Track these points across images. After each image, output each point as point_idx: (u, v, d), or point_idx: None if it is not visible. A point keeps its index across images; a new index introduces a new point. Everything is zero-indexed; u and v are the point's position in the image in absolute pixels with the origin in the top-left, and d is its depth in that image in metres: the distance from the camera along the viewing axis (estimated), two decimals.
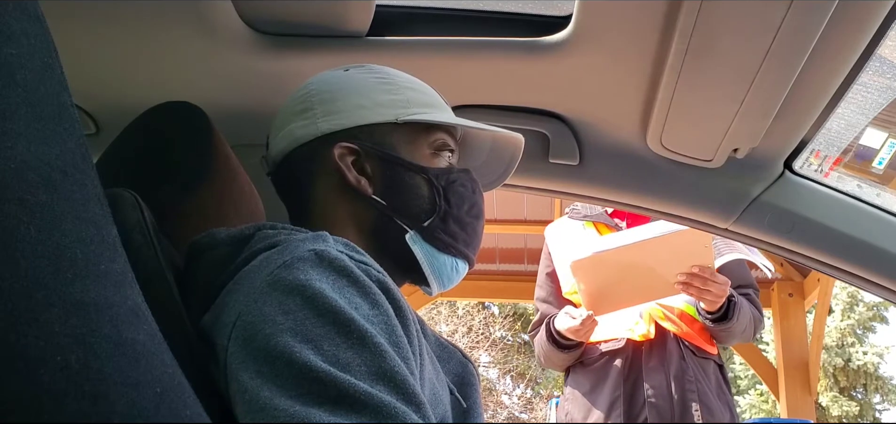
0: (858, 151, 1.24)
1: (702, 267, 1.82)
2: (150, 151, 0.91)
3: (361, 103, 0.88)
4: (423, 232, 0.87)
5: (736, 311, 1.93)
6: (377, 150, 0.87)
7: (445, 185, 0.88)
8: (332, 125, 0.87)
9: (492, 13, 1.10)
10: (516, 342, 14.18)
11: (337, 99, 0.88)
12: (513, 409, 13.96)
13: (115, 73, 1.12)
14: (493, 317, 13.98)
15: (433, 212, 0.87)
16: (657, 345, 2.01)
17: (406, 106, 0.89)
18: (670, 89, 1.02)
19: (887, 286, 1.25)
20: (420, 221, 0.87)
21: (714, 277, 1.83)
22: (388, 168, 0.87)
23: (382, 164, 0.87)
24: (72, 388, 0.46)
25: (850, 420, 12.52)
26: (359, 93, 0.89)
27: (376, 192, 0.87)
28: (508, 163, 1.02)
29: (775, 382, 5.75)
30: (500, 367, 14.06)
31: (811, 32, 0.88)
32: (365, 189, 0.86)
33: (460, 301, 12.56)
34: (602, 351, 2.06)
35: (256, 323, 0.65)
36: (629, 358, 2.02)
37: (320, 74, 0.93)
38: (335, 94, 0.89)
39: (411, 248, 0.87)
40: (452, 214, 0.88)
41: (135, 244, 0.70)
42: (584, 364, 2.11)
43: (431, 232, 0.87)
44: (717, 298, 1.88)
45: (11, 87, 0.46)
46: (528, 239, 5.74)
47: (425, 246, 0.87)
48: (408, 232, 0.87)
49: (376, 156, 0.87)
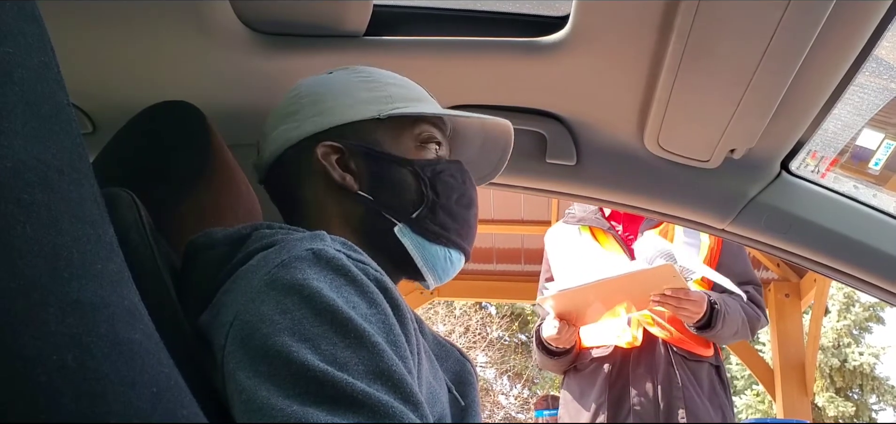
0: (855, 152, 1.24)
1: (674, 290, 1.84)
2: (148, 151, 0.91)
3: (345, 102, 0.89)
4: (411, 223, 0.87)
5: (719, 319, 1.94)
6: (361, 147, 0.88)
7: (432, 176, 0.88)
8: (317, 125, 0.88)
9: (489, 13, 1.10)
10: (513, 342, 14.19)
11: (321, 100, 0.90)
12: (510, 409, 13.96)
13: (113, 73, 1.11)
14: (491, 317, 13.98)
15: (421, 203, 0.87)
16: (645, 352, 2.03)
17: (389, 101, 0.89)
18: (667, 89, 1.02)
19: (884, 286, 1.26)
20: (408, 213, 0.87)
21: (687, 296, 1.86)
22: (373, 163, 0.88)
23: (367, 160, 0.88)
24: (68, 388, 0.46)
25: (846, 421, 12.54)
26: (342, 92, 0.90)
27: (363, 188, 0.87)
28: (502, 153, 1.02)
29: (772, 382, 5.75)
30: (498, 367, 14.06)
31: (808, 33, 0.88)
32: (350, 185, 0.87)
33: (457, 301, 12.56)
34: (593, 357, 2.08)
35: (254, 322, 0.65)
36: (617, 365, 2.04)
37: (307, 78, 0.94)
38: (320, 96, 0.90)
39: (401, 241, 0.87)
40: (441, 204, 0.88)
41: (132, 243, 0.70)
42: (577, 369, 2.14)
43: (420, 223, 0.87)
44: (693, 314, 1.90)
45: (8, 86, 0.45)
46: (525, 239, 5.74)
47: (415, 237, 0.87)
48: (396, 225, 0.87)
49: (360, 152, 0.88)
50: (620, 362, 2.04)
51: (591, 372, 2.08)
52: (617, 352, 2.04)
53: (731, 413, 2.10)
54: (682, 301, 1.86)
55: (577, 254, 2.12)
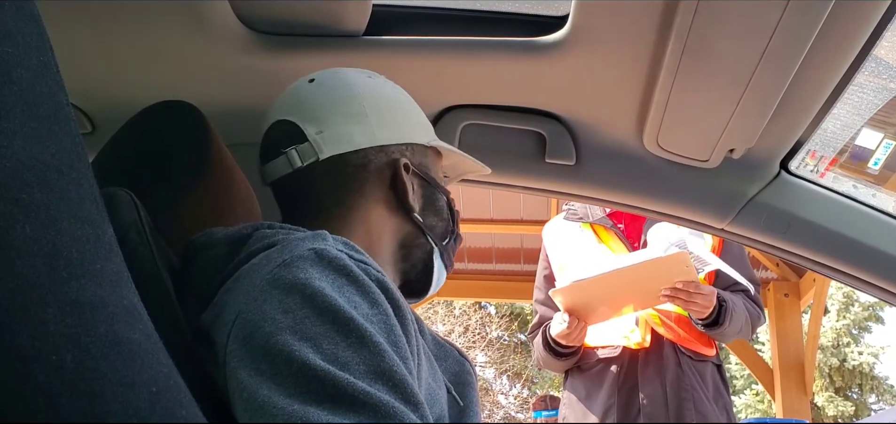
0: (854, 152, 1.24)
1: (685, 282, 1.83)
2: (147, 150, 0.91)
3: (408, 120, 0.93)
4: (441, 250, 0.94)
5: (727, 316, 1.93)
6: (421, 169, 0.92)
7: (453, 208, 0.96)
8: (388, 137, 0.89)
9: (488, 13, 1.10)
10: (513, 342, 14.19)
11: (388, 110, 0.91)
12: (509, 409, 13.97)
13: (112, 72, 1.11)
14: (490, 317, 13.98)
15: (448, 233, 0.95)
16: (653, 353, 2.02)
17: (427, 130, 0.95)
18: (667, 89, 1.02)
19: (883, 286, 1.26)
20: (442, 240, 0.94)
21: (698, 290, 1.85)
22: (426, 187, 0.93)
23: (422, 183, 0.92)
24: (67, 388, 0.46)
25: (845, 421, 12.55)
26: (403, 109, 0.93)
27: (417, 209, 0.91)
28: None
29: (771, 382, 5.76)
30: (497, 367, 14.06)
31: (807, 33, 0.88)
32: (413, 204, 0.90)
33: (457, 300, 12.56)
34: (599, 358, 2.06)
35: (256, 321, 0.65)
36: (625, 366, 2.03)
37: (356, 76, 0.92)
38: (385, 105, 0.91)
39: (433, 263, 0.93)
40: (456, 235, 0.96)
41: (131, 243, 0.70)
42: (581, 369, 2.12)
43: (447, 250, 0.95)
44: (704, 308, 1.89)
45: (7, 86, 0.45)
46: (524, 238, 5.74)
47: (440, 262, 0.94)
48: (435, 249, 0.93)
49: (419, 174, 0.91)
50: (628, 362, 2.02)
51: (597, 373, 2.06)
52: (625, 353, 2.03)
53: (732, 411, 2.11)
54: (692, 295, 1.84)
55: (580, 251, 2.10)
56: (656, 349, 2.02)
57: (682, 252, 1.78)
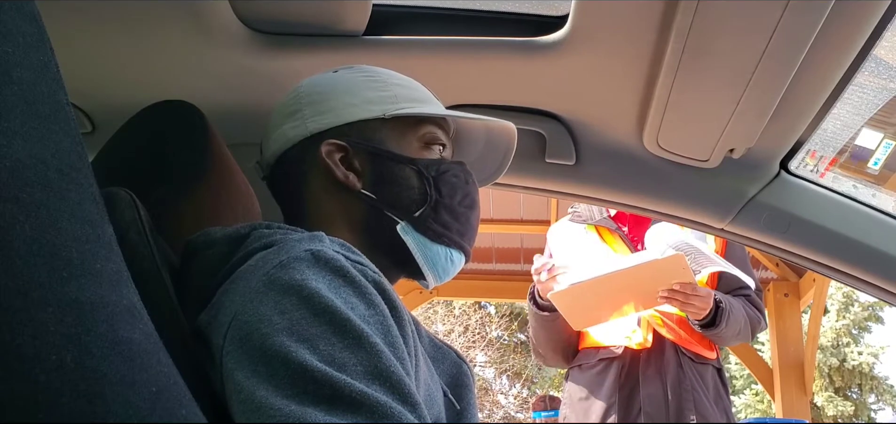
0: (854, 152, 1.24)
1: (682, 284, 1.83)
2: (147, 150, 0.91)
3: (349, 101, 0.89)
4: (414, 222, 0.87)
5: (723, 318, 1.94)
6: (365, 146, 0.88)
7: (436, 175, 0.88)
8: (321, 124, 0.88)
9: (488, 13, 1.10)
10: (513, 341, 14.19)
11: (325, 99, 0.89)
12: (509, 409, 13.97)
13: (112, 72, 1.11)
14: (490, 317, 13.98)
15: (424, 203, 0.87)
16: (655, 354, 2.02)
17: (394, 101, 0.89)
18: (667, 89, 1.02)
19: (883, 286, 1.26)
20: (411, 212, 0.87)
21: (695, 291, 1.85)
22: (377, 162, 0.88)
23: (371, 159, 0.88)
24: (67, 387, 0.46)
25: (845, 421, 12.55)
26: (347, 91, 0.90)
27: (366, 187, 0.87)
28: (504, 155, 1.02)
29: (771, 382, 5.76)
30: (497, 367, 14.07)
31: (807, 32, 0.88)
32: (354, 184, 0.87)
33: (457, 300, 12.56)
34: (600, 357, 2.07)
35: (252, 322, 0.65)
36: (626, 366, 2.03)
37: (311, 77, 0.94)
38: (324, 95, 0.90)
39: (403, 239, 0.87)
40: (444, 204, 0.88)
41: (130, 243, 0.70)
42: (582, 368, 2.12)
43: (423, 222, 0.87)
44: (700, 310, 1.90)
45: (7, 86, 0.45)
46: (524, 238, 5.74)
47: (417, 236, 0.87)
48: (399, 224, 0.87)
49: (365, 151, 0.88)
50: (630, 362, 2.03)
51: (599, 373, 2.06)
52: (626, 353, 2.04)
53: (732, 414, 2.11)
54: (689, 296, 1.84)
55: (584, 252, 2.11)
56: (658, 349, 2.02)
57: (678, 254, 1.79)
